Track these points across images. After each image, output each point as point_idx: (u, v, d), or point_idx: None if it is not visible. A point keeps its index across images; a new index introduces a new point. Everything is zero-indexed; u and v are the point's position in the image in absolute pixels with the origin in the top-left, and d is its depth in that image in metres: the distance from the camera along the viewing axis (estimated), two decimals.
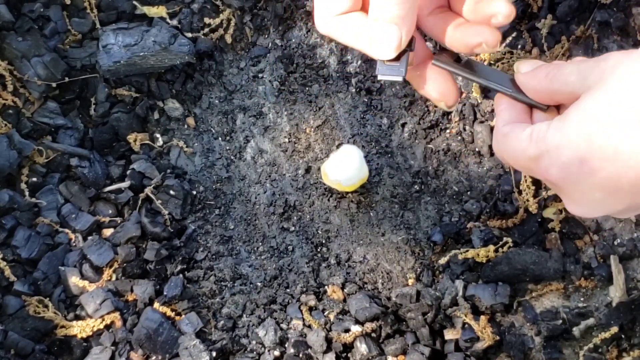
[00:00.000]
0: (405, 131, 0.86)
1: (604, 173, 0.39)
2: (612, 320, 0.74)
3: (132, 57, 0.82)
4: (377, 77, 0.58)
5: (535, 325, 0.76)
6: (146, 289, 0.78)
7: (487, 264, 0.78)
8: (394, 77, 0.57)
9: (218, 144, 0.88)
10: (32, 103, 0.84)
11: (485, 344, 0.74)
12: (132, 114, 0.86)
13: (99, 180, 0.83)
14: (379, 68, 0.57)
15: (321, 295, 0.80)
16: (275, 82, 0.88)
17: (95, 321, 0.76)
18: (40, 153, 0.82)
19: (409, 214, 0.84)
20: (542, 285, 0.78)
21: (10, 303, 0.75)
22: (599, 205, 0.43)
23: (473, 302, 0.76)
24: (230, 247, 0.84)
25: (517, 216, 0.79)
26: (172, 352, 0.75)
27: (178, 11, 0.87)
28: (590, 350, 0.74)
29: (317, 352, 0.75)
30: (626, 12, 0.81)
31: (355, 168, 0.79)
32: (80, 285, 0.78)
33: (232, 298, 0.80)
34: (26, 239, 0.78)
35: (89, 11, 0.85)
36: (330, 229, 0.83)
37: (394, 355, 0.75)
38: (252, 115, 0.88)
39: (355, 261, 0.82)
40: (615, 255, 0.77)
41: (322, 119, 0.87)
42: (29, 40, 0.82)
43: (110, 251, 0.80)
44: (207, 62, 0.89)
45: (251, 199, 0.85)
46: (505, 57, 0.84)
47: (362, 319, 0.76)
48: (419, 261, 0.81)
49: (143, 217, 0.81)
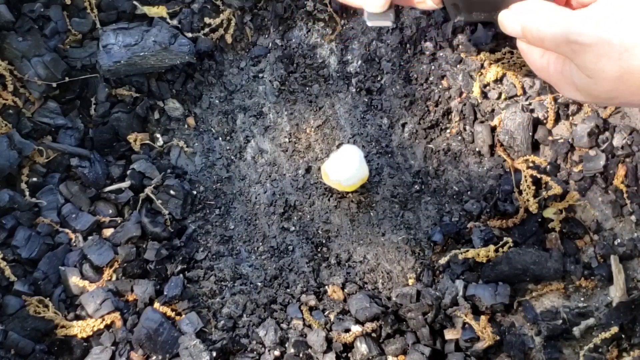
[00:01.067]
0: (406, 131, 0.86)
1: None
2: (612, 320, 0.74)
3: (132, 57, 0.82)
4: (366, 23, 0.59)
5: (536, 325, 0.76)
6: (146, 289, 0.78)
7: (487, 264, 0.78)
8: (384, 23, 0.58)
9: (218, 143, 0.88)
10: (32, 103, 0.84)
11: (485, 343, 0.74)
12: (133, 114, 0.86)
13: (99, 180, 0.83)
14: (368, 16, 0.58)
15: (321, 295, 0.80)
16: (275, 82, 0.88)
17: (96, 321, 0.76)
18: (41, 153, 0.82)
19: (409, 213, 0.84)
20: (542, 285, 0.78)
21: (10, 303, 0.75)
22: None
23: (473, 302, 0.76)
24: (231, 247, 0.84)
25: (517, 216, 0.80)
26: (172, 352, 0.75)
27: (178, 11, 0.87)
28: (590, 350, 0.74)
29: (317, 352, 0.75)
30: None
31: (355, 168, 0.79)
32: (80, 285, 0.78)
33: (233, 298, 0.80)
34: (26, 239, 0.78)
35: (89, 11, 0.85)
36: (330, 229, 0.83)
37: (394, 355, 0.75)
38: (253, 115, 0.88)
39: (356, 261, 0.82)
40: (615, 255, 0.77)
41: (322, 119, 0.87)
42: (29, 40, 0.82)
43: (111, 251, 0.80)
44: (207, 62, 0.89)
45: (251, 198, 0.85)
46: (505, 57, 0.84)
47: (362, 319, 0.76)
48: (419, 261, 0.81)
49: (143, 217, 0.81)
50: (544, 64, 0.51)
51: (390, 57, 0.87)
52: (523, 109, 0.82)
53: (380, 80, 0.87)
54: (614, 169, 0.79)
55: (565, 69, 0.48)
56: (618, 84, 0.45)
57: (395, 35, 0.88)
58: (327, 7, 0.88)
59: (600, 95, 0.48)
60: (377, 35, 0.88)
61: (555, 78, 0.49)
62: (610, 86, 0.46)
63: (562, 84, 0.49)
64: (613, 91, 0.46)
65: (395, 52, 0.87)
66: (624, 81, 0.44)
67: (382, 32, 0.88)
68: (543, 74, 0.52)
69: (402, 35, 0.88)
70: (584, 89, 0.48)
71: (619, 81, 0.45)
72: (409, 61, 0.87)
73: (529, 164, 0.81)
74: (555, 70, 0.49)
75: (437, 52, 0.87)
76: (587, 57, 0.45)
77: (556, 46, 0.47)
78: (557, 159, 0.81)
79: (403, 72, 0.87)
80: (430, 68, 0.87)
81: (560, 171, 0.81)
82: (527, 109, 0.83)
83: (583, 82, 0.47)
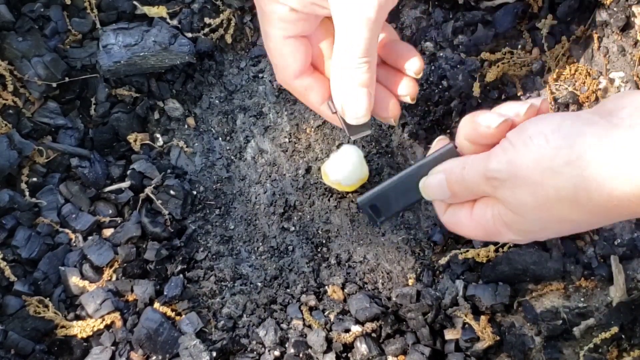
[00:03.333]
0: (406, 131, 0.86)
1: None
2: (612, 320, 0.74)
3: (132, 57, 0.82)
4: (350, 138, 0.59)
5: (536, 325, 0.76)
6: (146, 289, 0.78)
7: (487, 264, 0.78)
8: (365, 132, 0.59)
9: (218, 144, 0.88)
10: (32, 103, 0.84)
11: (485, 344, 0.74)
12: (133, 114, 0.86)
13: (99, 180, 0.83)
14: (348, 130, 0.58)
15: (321, 295, 0.80)
16: (275, 82, 0.88)
17: (96, 321, 0.76)
18: (41, 153, 0.82)
19: (409, 213, 0.84)
20: (542, 285, 0.78)
21: (10, 303, 0.75)
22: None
23: (473, 302, 0.76)
24: (231, 247, 0.84)
25: None
26: (172, 352, 0.75)
27: (178, 11, 0.87)
28: (590, 350, 0.74)
29: (317, 352, 0.75)
30: (626, 12, 0.81)
31: (356, 168, 0.79)
32: (80, 285, 0.78)
33: (233, 298, 0.80)
34: (26, 239, 0.78)
35: (89, 11, 0.85)
36: (330, 229, 0.83)
37: (394, 355, 0.75)
38: (253, 115, 0.88)
39: (356, 261, 0.82)
40: (615, 255, 0.77)
41: (322, 119, 0.87)
42: (29, 40, 0.82)
43: (111, 251, 0.80)
44: (207, 62, 0.89)
45: (251, 199, 0.85)
46: (505, 57, 0.84)
47: (362, 319, 0.76)
48: (419, 261, 0.81)
49: (143, 217, 0.81)
50: (474, 221, 0.51)
51: None
52: None
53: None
54: None
55: (495, 213, 0.49)
56: (541, 214, 0.45)
57: None
58: None
59: (532, 229, 0.48)
60: None
61: (489, 227, 0.50)
62: (536, 217, 0.46)
63: (497, 230, 0.49)
64: (540, 222, 0.46)
65: None
66: (545, 210, 0.45)
67: None
68: (478, 231, 0.51)
69: (402, 35, 0.87)
70: (516, 227, 0.48)
71: (541, 211, 0.45)
72: None
73: None
74: (486, 218, 0.50)
75: (437, 52, 0.87)
76: (506, 192, 0.46)
77: (478, 186, 0.48)
78: None
79: None
80: (430, 68, 0.87)
81: None
82: None
83: (512, 220, 0.47)
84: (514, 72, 0.84)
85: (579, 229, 0.48)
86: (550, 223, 0.46)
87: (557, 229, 0.48)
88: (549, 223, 0.46)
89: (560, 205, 0.44)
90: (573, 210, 0.44)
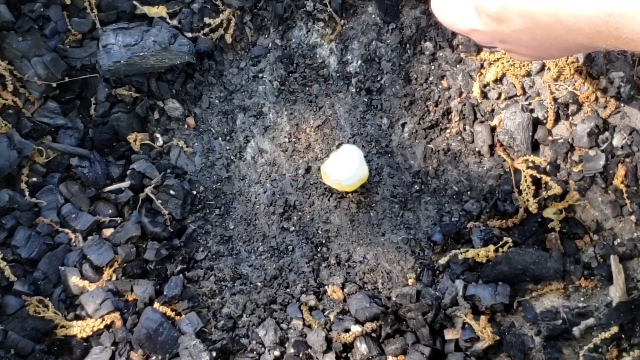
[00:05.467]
0: (405, 131, 0.86)
1: None
2: (612, 320, 0.74)
3: (132, 57, 0.82)
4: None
5: (535, 325, 0.76)
6: (146, 289, 0.78)
7: (487, 264, 0.78)
8: None
9: (218, 143, 0.88)
10: (32, 103, 0.84)
11: (485, 343, 0.74)
12: (132, 114, 0.86)
13: (99, 180, 0.83)
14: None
15: (321, 295, 0.80)
16: (275, 82, 0.88)
17: (95, 321, 0.76)
18: (40, 153, 0.82)
19: (409, 213, 0.84)
20: (542, 285, 0.78)
21: (10, 303, 0.75)
22: None
23: (473, 302, 0.76)
24: (230, 247, 0.84)
25: (517, 216, 0.80)
26: (172, 352, 0.75)
27: (178, 11, 0.87)
28: (590, 350, 0.74)
29: (317, 352, 0.75)
30: None
31: (355, 168, 0.79)
32: (80, 285, 0.78)
33: (232, 298, 0.80)
34: (26, 239, 0.78)
35: (89, 11, 0.85)
36: (330, 229, 0.83)
37: (394, 355, 0.75)
38: (252, 115, 0.88)
39: (355, 261, 0.82)
40: (615, 255, 0.77)
41: (322, 119, 0.87)
42: (29, 40, 0.82)
43: (110, 251, 0.80)
44: (207, 62, 0.89)
45: (251, 198, 0.85)
46: (505, 57, 0.84)
47: (362, 319, 0.76)
48: (419, 261, 0.81)
49: (143, 217, 0.81)
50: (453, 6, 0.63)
51: (390, 57, 0.87)
52: (523, 109, 0.82)
53: (380, 80, 0.87)
54: (614, 169, 0.79)
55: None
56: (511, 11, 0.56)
57: (395, 35, 0.88)
58: (327, 7, 0.88)
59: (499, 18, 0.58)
60: (377, 35, 0.88)
61: (463, 11, 0.62)
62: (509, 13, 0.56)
63: (470, 14, 0.61)
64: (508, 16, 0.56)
65: (395, 52, 0.87)
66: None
67: (382, 32, 0.88)
68: (452, 15, 0.64)
69: (402, 35, 0.88)
70: (485, 13, 0.59)
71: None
72: (408, 61, 0.87)
73: (529, 164, 0.81)
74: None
75: (437, 52, 0.87)
76: None
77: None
78: (557, 159, 0.81)
79: (403, 72, 0.87)
80: (430, 68, 0.87)
81: (560, 171, 0.81)
82: (527, 109, 0.83)
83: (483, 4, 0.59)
84: (513, 72, 0.84)
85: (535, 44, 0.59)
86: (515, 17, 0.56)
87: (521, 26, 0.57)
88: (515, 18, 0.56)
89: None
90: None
